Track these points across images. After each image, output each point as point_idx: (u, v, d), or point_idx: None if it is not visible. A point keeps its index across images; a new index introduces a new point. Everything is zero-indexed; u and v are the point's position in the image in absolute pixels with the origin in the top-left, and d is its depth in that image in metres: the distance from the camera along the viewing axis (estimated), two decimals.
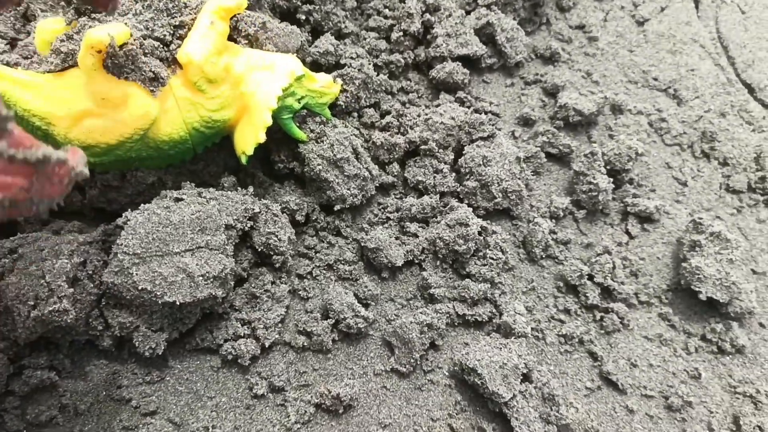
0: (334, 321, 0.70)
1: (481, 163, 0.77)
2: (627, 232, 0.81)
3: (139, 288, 0.55)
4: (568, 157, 0.84)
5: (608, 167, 0.81)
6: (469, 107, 0.84)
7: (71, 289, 0.55)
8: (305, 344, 0.69)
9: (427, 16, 0.85)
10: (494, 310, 0.73)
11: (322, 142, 0.71)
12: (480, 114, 0.83)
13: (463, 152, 0.78)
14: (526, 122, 0.86)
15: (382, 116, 0.82)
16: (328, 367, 0.69)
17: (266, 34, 0.73)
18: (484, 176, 0.76)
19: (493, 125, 0.81)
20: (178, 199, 0.59)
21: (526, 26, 0.92)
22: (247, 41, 0.68)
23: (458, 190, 0.78)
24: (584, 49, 0.94)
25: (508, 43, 0.87)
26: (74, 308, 0.54)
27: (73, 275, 0.56)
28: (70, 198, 0.66)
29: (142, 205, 0.59)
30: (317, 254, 0.74)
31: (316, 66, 0.80)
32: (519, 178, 0.78)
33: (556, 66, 0.92)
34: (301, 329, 0.70)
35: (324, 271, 0.74)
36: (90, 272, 0.57)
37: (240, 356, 0.65)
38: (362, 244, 0.74)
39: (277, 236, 0.66)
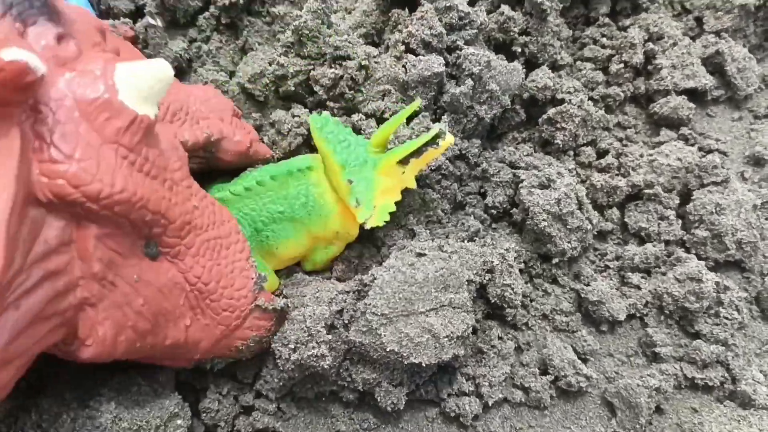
0: (553, 377, 0.66)
1: (714, 211, 0.70)
2: None
3: (387, 349, 0.54)
4: None
5: None
6: (693, 144, 0.77)
7: (329, 336, 0.55)
8: (522, 399, 0.66)
9: (650, 45, 0.79)
10: (726, 375, 0.67)
11: (548, 194, 0.66)
12: (706, 153, 0.76)
13: (692, 197, 0.72)
14: (758, 162, 0.78)
15: (600, 155, 0.77)
16: (544, 424, 0.67)
17: (490, 72, 0.70)
18: (717, 226, 0.70)
19: (727, 169, 0.73)
20: (420, 254, 0.58)
21: (756, 53, 0.83)
22: None
23: (684, 238, 0.72)
24: None
25: (738, 74, 0.79)
26: (330, 355, 0.55)
27: (330, 323, 0.56)
28: None
29: (387, 261, 0.58)
30: (532, 303, 0.71)
31: (532, 101, 0.76)
32: (755, 228, 0.71)
33: None
34: (518, 383, 0.67)
35: (539, 321, 0.70)
36: (345, 322, 0.57)
37: (462, 415, 0.63)
38: (581, 295, 0.70)
39: (512, 289, 0.63)
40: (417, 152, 0.59)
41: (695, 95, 0.80)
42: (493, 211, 0.72)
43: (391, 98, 0.70)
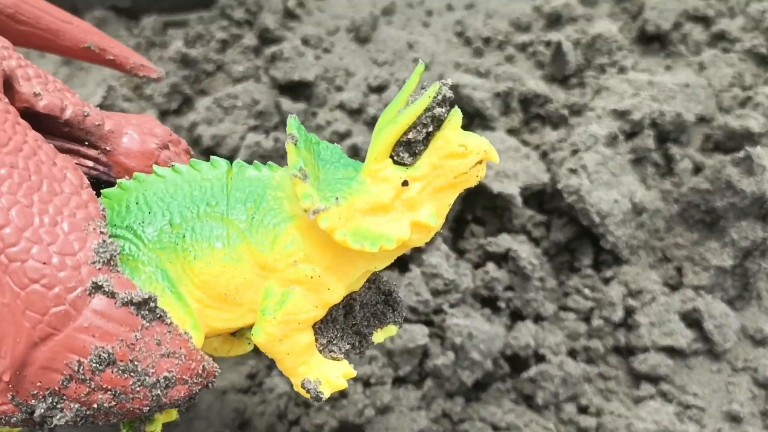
0: None
1: None
2: None
3: None
4: None
5: None
6: (671, 401, 0.80)
7: None
8: None
9: (630, 300, 0.83)
10: None
11: None
12: (684, 408, 0.78)
13: None
14: (734, 419, 0.80)
15: (581, 410, 0.80)
16: None
17: (472, 341, 0.74)
18: None
19: (702, 427, 0.76)
20: None
21: (735, 303, 0.87)
22: None
23: None
24: None
25: (716, 330, 0.83)
26: None
27: None
28: None
29: None
30: None
31: (514, 358, 0.80)
32: None
33: None
34: None
35: None
36: None
37: None
38: None
39: None
40: (422, 138, 0.37)
41: (674, 349, 0.83)
42: None
43: (378, 363, 0.74)
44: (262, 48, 1.01)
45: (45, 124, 0.40)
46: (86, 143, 0.43)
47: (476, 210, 0.86)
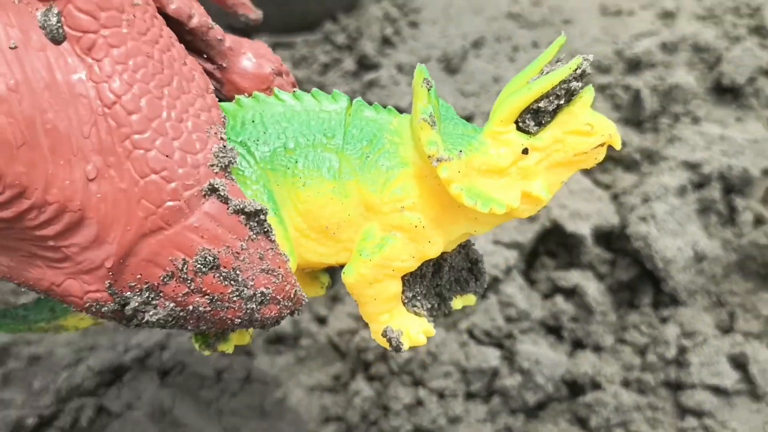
0: None
1: None
2: None
3: None
4: None
5: None
6: None
7: None
8: None
9: (683, 340, 0.91)
10: None
11: None
12: None
13: None
14: None
15: None
16: None
17: (538, 367, 0.83)
18: None
19: None
20: None
21: None
22: None
23: None
24: None
25: (759, 375, 0.91)
26: None
27: None
28: None
29: None
30: None
31: (573, 383, 0.90)
32: None
33: None
34: None
35: None
36: None
37: None
38: None
39: None
40: (551, 109, 0.36)
41: (719, 388, 0.91)
42: None
43: (452, 378, 0.85)
44: (360, 73, 1.10)
45: (170, 28, 0.38)
46: (204, 56, 0.42)
47: (549, 245, 0.95)
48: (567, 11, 1.18)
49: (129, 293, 0.33)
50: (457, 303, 0.44)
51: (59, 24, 0.29)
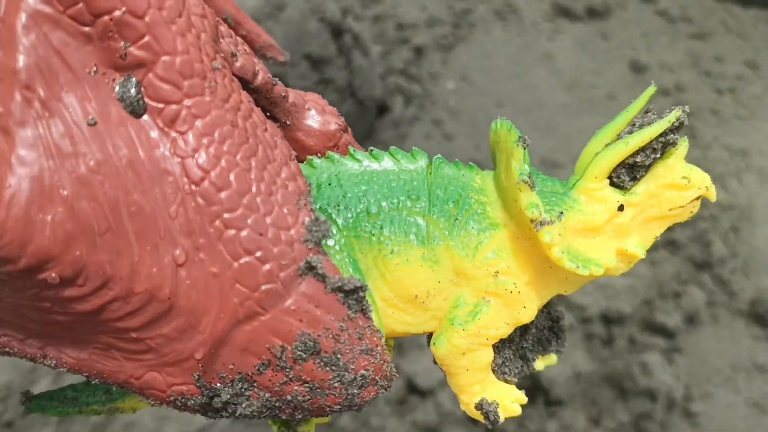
0: None
1: None
2: None
3: None
4: None
5: None
6: None
7: None
8: None
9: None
10: None
11: None
12: None
13: None
14: None
15: None
16: None
17: None
18: None
19: None
20: None
21: None
22: None
23: None
24: None
25: None
26: None
27: None
28: None
29: None
30: None
31: None
32: None
33: None
34: None
35: None
36: None
37: None
38: None
39: None
40: (648, 164, 0.34)
41: None
42: None
43: None
44: None
45: None
46: (267, 114, 0.37)
47: None
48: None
49: (219, 384, 0.30)
50: (539, 364, 0.41)
51: (140, 95, 0.26)
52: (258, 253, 0.28)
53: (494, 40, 1.75)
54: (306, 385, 0.30)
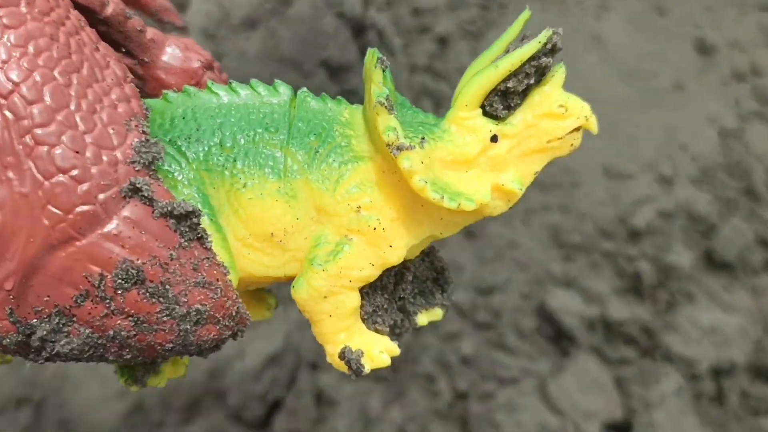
0: None
1: None
2: None
3: None
4: None
5: None
6: None
7: None
8: None
9: None
10: None
11: None
12: None
13: None
14: None
15: None
16: None
17: None
18: None
19: None
20: None
21: None
22: None
23: None
24: None
25: None
26: None
27: None
28: None
29: None
30: None
31: None
32: None
33: None
34: None
35: None
36: None
37: None
38: None
39: None
40: (521, 90, 0.32)
41: None
42: None
43: None
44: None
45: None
46: (123, 50, 0.36)
47: None
48: (574, 172, 1.25)
49: (35, 320, 0.27)
50: (422, 319, 0.39)
51: None
52: (73, 172, 0.26)
53: (531, 23, 1.47)
54: (130, 318, 0.28)
